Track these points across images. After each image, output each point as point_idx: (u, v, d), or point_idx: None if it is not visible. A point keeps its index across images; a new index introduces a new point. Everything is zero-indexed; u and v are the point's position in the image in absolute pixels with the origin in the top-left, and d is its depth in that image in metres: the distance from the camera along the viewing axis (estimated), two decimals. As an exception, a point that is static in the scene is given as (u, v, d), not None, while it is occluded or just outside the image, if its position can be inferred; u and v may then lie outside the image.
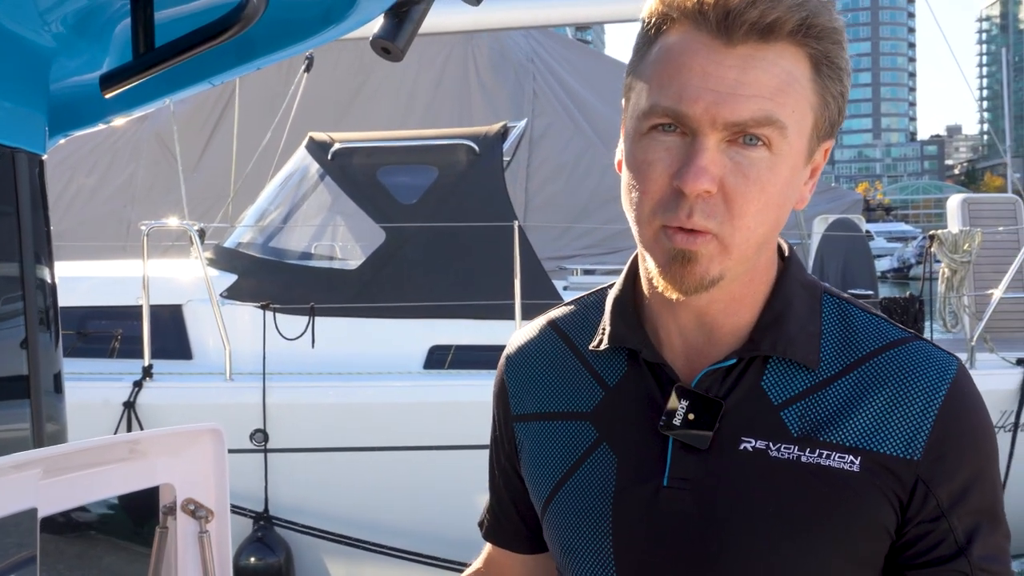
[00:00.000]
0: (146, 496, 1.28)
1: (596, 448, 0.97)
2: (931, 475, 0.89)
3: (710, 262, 0.87)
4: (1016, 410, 5.34)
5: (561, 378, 1.03)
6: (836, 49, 0.88)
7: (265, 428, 5.05)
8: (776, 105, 0.85)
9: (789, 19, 0.84)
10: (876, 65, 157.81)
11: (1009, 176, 20.01)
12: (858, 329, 0.95)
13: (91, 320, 5.61)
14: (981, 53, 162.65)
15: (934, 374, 0.90)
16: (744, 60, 0.84)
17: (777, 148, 0.86)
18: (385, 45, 1.19)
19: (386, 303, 5.48)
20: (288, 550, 5.07)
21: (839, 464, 0.89)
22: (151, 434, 1.30)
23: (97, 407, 4.91)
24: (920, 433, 0.89)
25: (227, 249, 6.14)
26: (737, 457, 0.91)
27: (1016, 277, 5.78)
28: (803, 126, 0.88)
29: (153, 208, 9.62)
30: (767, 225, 0.88)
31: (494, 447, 1.12)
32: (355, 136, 6.31)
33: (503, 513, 1.13)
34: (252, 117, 8.69)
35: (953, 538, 0.89)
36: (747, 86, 0.84)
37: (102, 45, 1.29)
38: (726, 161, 0.85)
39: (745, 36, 0.84)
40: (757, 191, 0.85)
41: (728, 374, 0.93)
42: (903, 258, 38.95)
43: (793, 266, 0.97)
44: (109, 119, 1.46)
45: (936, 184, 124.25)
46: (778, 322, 0.93)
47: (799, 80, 0.86)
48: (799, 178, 0.91)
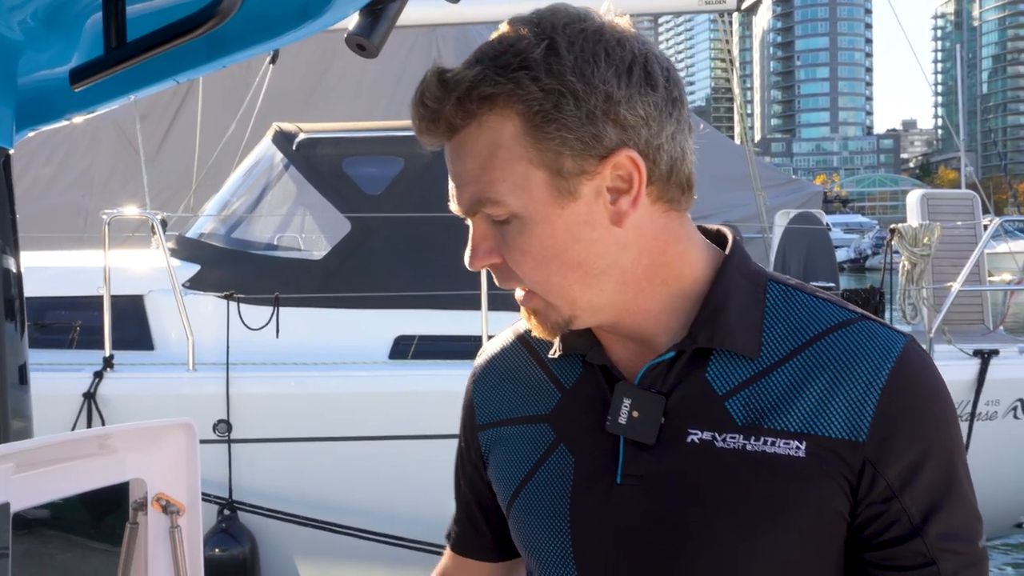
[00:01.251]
0: (117, 491, 1.28)
1: (554, 449, 1.00)
2: (878, 456, 0.88)
3: (546, 312, 0.95)
4: (973, 400, 5.46)
5: (524, 385, 1.06)
6: (520, 103, 0.87)
7: (229, 419, 5.02)
8: (483, 185, 0.90)
9: (450, 115, 0.89)
10: (834, 60, 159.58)
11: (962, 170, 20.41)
12: (803, 314, 0.95)
13: (50, 311, 5.51)
14: (936, 50, 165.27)
15: (878, 352, 0.90)
16: (454, 152, 0.93)
17: (518, 211, 0.90)
18: (360, 42, 1.20)
19: (351, 293, 5.46)
20: (253, 541, 5.04)
21: (784, 451, 0.89)
22: (122, 428, 1.30)
23: (57, 399, 4.84)
24: (864, 413, 0.88)
25: (190, 239, 6.07)
26: (685, 450, 0.92)
27: (973, 271, 5.91)
28: (530, 182, 0.89)
29: (112, 198, 9.46)
30: (559, 273, 0.91)
31: (460, 459, 1.15)
32: (321, 127, 6.27)
33: (470, 524, 1.15)
34: (213, 107, 8.59)
35: (907, 518, 0.89)
36: (461, 176, 0.92)
37: (72, 39, 1.28)
38: (497, 234, 0.93)
39: (441, 133, 0.91)
40: (520, 255, 0.92)
41: (671, 368, 0.94)
42: (859, 249, 39.58)
43: (735, 258, 0.98)
44: (76, 114, 1.44)
45: (892, 177, 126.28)
46: (716, 315, 0.93)
47: (504, 144, 0.89)
48: (573, 218, 0.90)
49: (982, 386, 5.46)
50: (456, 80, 0.88)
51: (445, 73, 0.89)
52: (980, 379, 5.46)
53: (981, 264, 6.65)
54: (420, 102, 0.90)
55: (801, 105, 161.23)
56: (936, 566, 0.89)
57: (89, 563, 1.32)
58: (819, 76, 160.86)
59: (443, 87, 0.89)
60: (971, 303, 6.75)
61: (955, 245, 6.55)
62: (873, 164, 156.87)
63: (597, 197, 0.90)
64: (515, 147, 0.88)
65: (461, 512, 1.17)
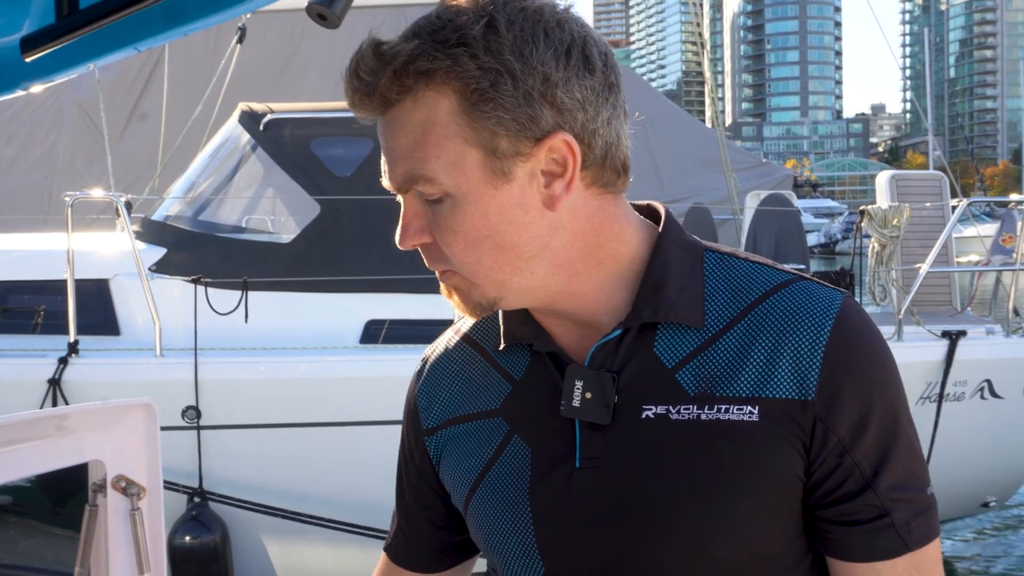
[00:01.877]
0: (75, 473, 1.25)
1: (509, 441, 0.98)
2: (827, 413, 0.88)
3: (469, 292, 0.93)
4: (941, 381, 5.53)
5: (471, 381, 1.04)
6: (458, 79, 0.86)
7: (197, 405, 4.96)
8: (416, 161, 0.88)
9: (385, 88, 0.87)
10: (804, 44, 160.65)
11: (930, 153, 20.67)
12: (742, 279, 0.95)
13: (12, 295, 5.42)
14: (904, 34, 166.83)
15: (818, 311, 0.90)
16: (387, 127, 0.90)
17: (450, 190, 0.88)
18: (321, 11, 1.16)
19: (321, 277, 5.42)
20: (224, 528, 5.00)
21: (738, 416, 0.89)
22: (79, 408, 1.26)
23: (21, 385, 4.76)
24: (811, 372, 0.88)
25: (155, 222, 5.98)
26: (641, 426, 0.91)
27: (941, 252, 5.97)
28: (465, 161, 0.87)
29: (76, 180, 9.31)
30: (488, 256, 0.90)
31: (404, 466, 1.13)
32: (289, 107, 6.19)
33: (412, 533, 1.13)
34: (179, 87, 8.47)
35: (859, 472, 0.89)
36: (394, 151, 0.90)
37: (22, 6, 1.23)
38: (429, 213, 0.91)
39: (375, 106, 0.89)
40: (450, 235, 0.90)
41: (619, 346, 0.93)
42: (830, 234, 39.97)
43: (669, 230, 0.97)
44: (30, 84, 1.40)
45: (861, 161, 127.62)
46: (657, 289, 0.93)
47: (439, 121, 0.87)
48: (506, 199, 0.89)
49: (950, 367, 5.53)
50: (393, 53, 0.86)
51: (381, 45, 0.86)
52: (948, 360, 5.53)
53: (949, 246, 6.73)
54: (355, 74, 0.88)
55: (772, 89, 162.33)
56: (890, 516, 0.89)
57: (49, 545, 1.29)
58: (789, 60, 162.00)
59: (379, 59, 0.86)
60: (939, 284, 6.83)
61: (924, 227, 6.62)
62: (843, 148, 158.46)
63: (531, 180, 0.89)
64: (451, 125, 0.87)
65: (402, 521, 1.14)
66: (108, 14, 1.03)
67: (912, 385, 5.53)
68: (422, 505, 1.11)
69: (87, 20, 1.06)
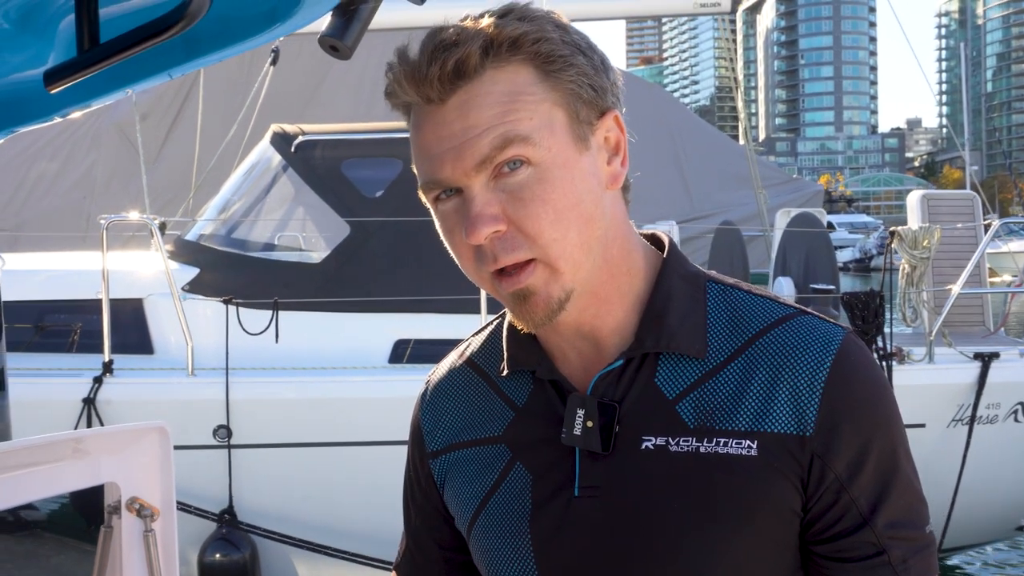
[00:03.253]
0: (91, 495, 1.27)
1: (511, 468, 0.98)
2: (825, 449, 0.88)
3: (547, 287, 0.89)
4: (973, 403, 5.43)
5: (475, 407, 1.04)
6: (545, 45, 0.88)
7: (228, 424, 5.01)
8: (508, 125, 0.87)
9: (471, 57, 0.86)
10: (838, 59, 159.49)
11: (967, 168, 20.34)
12: (744, 312, 0.95)
13: (50, 314, 5.52)
14: (940, 48, 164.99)
15: (818, 347, 0.90)
16: (460, 108, 0.87)
17: (538, 158, 0.87)
18: (333, 43, 1.19)
19: (351, 297, 5.46)
20: (253, 546, 5.04)
21: (736, 450, 0.89)
22: (95, 432, 1.29)
23: (57, 404, 4.84)
24: (809, 408, 0.88)
25: (189, 242, 6.07)
26: (640, 456, 0.91)
27: (973, 273, 5.88)
28: (554, 123, 0.88)
29: (113, 200, 9.50)
30: (575, 226, 0.88)
31: (410, 488, 1.13)
32: (321, 128, 6.26)
33: (420, 554, 1.13)
34: (214, 109, 8.61)
35: (856, 509, 0.89)
36: (473, 128, 0.87)
37: (47, 40, 1.27)
38: (500, 196, 0.87)
39: (445, 91, 0.87)
40: (540, 206, 0.87)
41: (622, 376, 0.93)
42: (864, 249, 39.52)
43: (673, 260, 0.98)
44: (61, 114, 1.44)
45: (896, 176, 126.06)
46: (660, 318, 0.93)
47: (525, 90, 0.88)
48: (587, 167, 0.90)
49: (983, 389, 5.43)
50: (476, 28, 0.87)
51: (446, 29, 0.88)
52: (981, 382, 5.43)
53: (981, 266, 6.62)
54: (430, 54, 0.87)
55: (805, 104, 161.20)
56: (886, 554, 0.89)
57: (64, 566, 1.32)
58: (823, 75, 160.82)
59: (462, 34, 0.87)
60: (971, 305, 6.72)
61: (955, 247, 6.52)
62: (878, 163, 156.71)
63: (599, 152, 0.91)
64: (536, 91, 0.88)
65: (410, 540, 1.15)
66: (127, 48, 1.07)
67: (944, 407, 5.43)
68: (428, 526, 1.12)
69: (108, 54, 1.09)
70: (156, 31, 1.03)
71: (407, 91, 0.89)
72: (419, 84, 0.88)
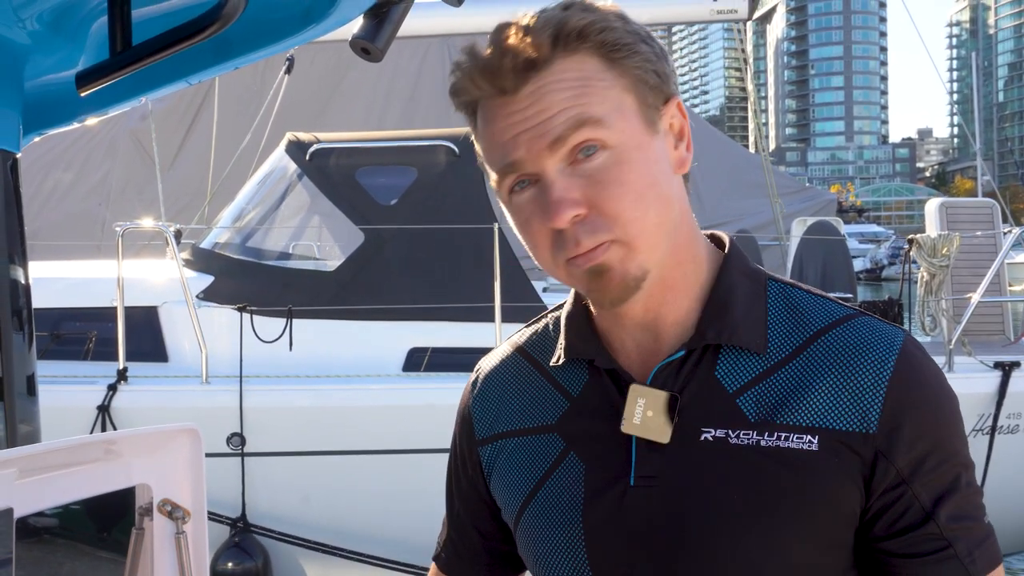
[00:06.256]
0: (122, 497, 1.27)
1: (564, 458, 0.98)
2: (888, 446, 0.89)
3: (623, 264, 0.90)
4: (994, 413, 5.39)
5: (527, 396, 1.04)
6: (610, 34, 0.90)
7: (242, 432, 5.02)
8: (581, 107, 0.89)
9: (541, 47, 0.89)
10: (848, 68, 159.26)
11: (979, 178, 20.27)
12: (804, 310, 0.96)
13: (65, 322, 5.54)
14: (951, 58, 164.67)
15: (881, 346, 0.91)
16: (533, 96, 0.90)
17: (613, 142, 0.89)
18: (365, 46, 1.19)
19: (365, 305, 5.46)
20: (266, 554, 5.03)
21: (798, 444, 0.89)
22: (127, 434, 1.29)
23: (71, 411, 4.85)
24: (873, 406, 0.89)
25: (203, 250, 6.09)
26: (699, 448, 0.91)
27: (993, 281, 5.84)
28: (625, 107, 0.90)
29: (128, 207, 9.54)
30: (654, 207, 0.90)
31: (455, 475, 1.13)
32: (336, 136, 6.28)
33: (462, 544, 1.13)
34: (228, 116, 8.64)
35: (919, 504, 0.89)
36: (547, 110, 0.89)
37: (78, 43, 1.28)
38: (579, 181, 0.89)
39: (518, 80, 0.89)
40: (619, 188, 0.89)
41: (681, 368, 0.94)
42: (875, 259, 39.41)
43: (734, 257, 0.99)
44: (85, 117, 1.44)
45: (907, 186, 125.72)
46: (722, 311, 0.94)
47: (594, 76, 0.90)
48: (659, 150, 0.92)
49: (1003, 399, 5.39)
50: (545, 18, 0.90)
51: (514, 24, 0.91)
52: (1001, 391, 5.39)
53: (1001, 274, 6.57)
54: (501, 44, 0.89)
55: (816, 114, 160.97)
56: (952, 547, 0.89)
57: (95, 568, 1.31)
58: (834, 85, 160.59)
59: (533, 24, 0.89)
60: (991, 314, 6.67)
61: (974, 255, 6.47)
62: (888, 173, 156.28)
63: (666, 137, 0.94)
64: (605, 77, 0.90)
65: (452, 530, 1.14)
66: (160, 50, 1.07)
67: (964, 417, 5.37)
68: (472, 515, 1.11)
69: (139, 56, 1.09)
70: (191, 33, 1.03)
71: (480, 85, 0.91)
72: (493, 76, 0.90)
